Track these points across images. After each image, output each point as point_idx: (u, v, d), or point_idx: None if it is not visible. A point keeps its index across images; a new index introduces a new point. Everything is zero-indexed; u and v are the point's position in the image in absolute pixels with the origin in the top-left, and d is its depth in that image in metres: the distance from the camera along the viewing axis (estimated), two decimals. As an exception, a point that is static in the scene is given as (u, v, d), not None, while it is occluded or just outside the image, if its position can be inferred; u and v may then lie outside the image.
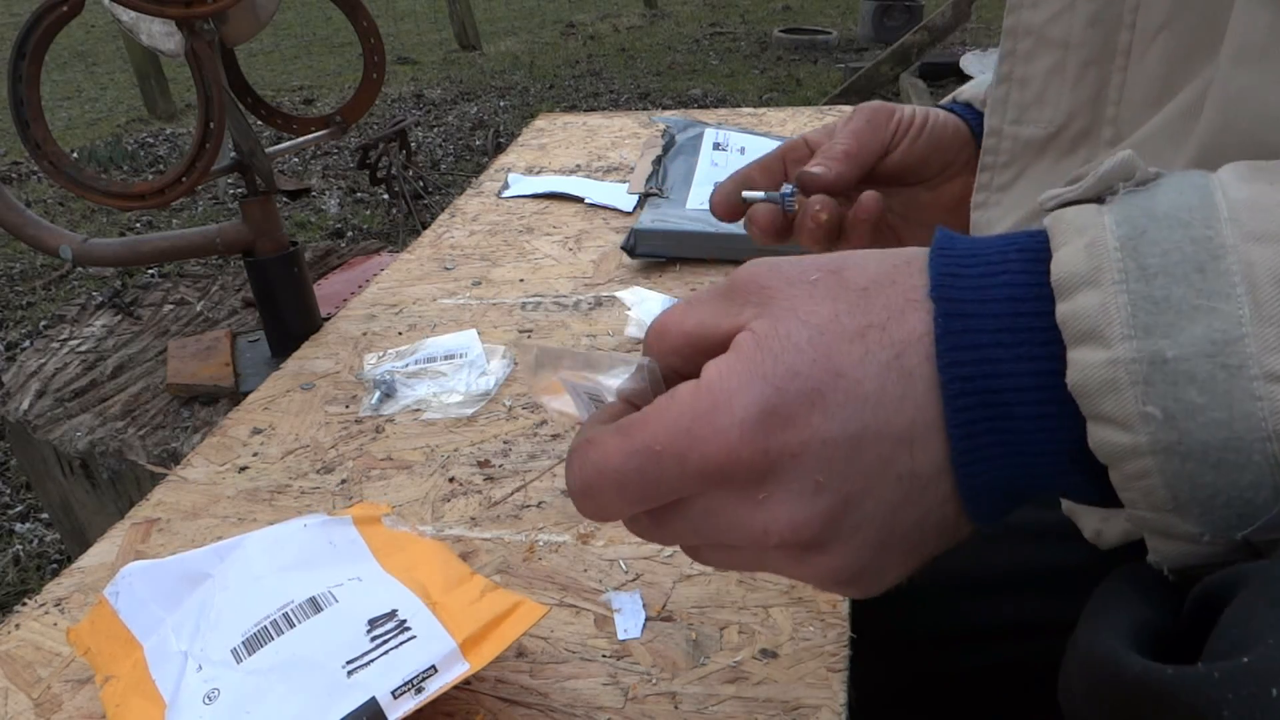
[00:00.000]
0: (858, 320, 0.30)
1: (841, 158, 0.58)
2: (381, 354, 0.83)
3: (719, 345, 0.32)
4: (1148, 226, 0.27)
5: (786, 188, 0.58)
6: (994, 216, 0.56)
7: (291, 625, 0.47)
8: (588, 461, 0.32)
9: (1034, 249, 0.30)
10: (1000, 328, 0.29)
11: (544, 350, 0.36)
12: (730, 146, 1.15)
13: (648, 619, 0.53)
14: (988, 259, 0.30)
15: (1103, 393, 0.27)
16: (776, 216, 0.59)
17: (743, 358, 0.30)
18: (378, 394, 0.77)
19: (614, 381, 0.35)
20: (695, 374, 0.32)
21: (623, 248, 0.96)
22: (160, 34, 0.90)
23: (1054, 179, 0.50)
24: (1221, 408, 0.26)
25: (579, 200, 1.15)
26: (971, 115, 0.65)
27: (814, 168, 0.57)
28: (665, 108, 3.31)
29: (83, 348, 1.23)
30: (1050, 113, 0.50)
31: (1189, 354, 0.26)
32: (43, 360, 1.21)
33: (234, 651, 0.47)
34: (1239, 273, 0.26)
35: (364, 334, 0.89)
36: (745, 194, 0.59)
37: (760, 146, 1.16)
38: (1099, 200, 0.30)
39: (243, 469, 0.70)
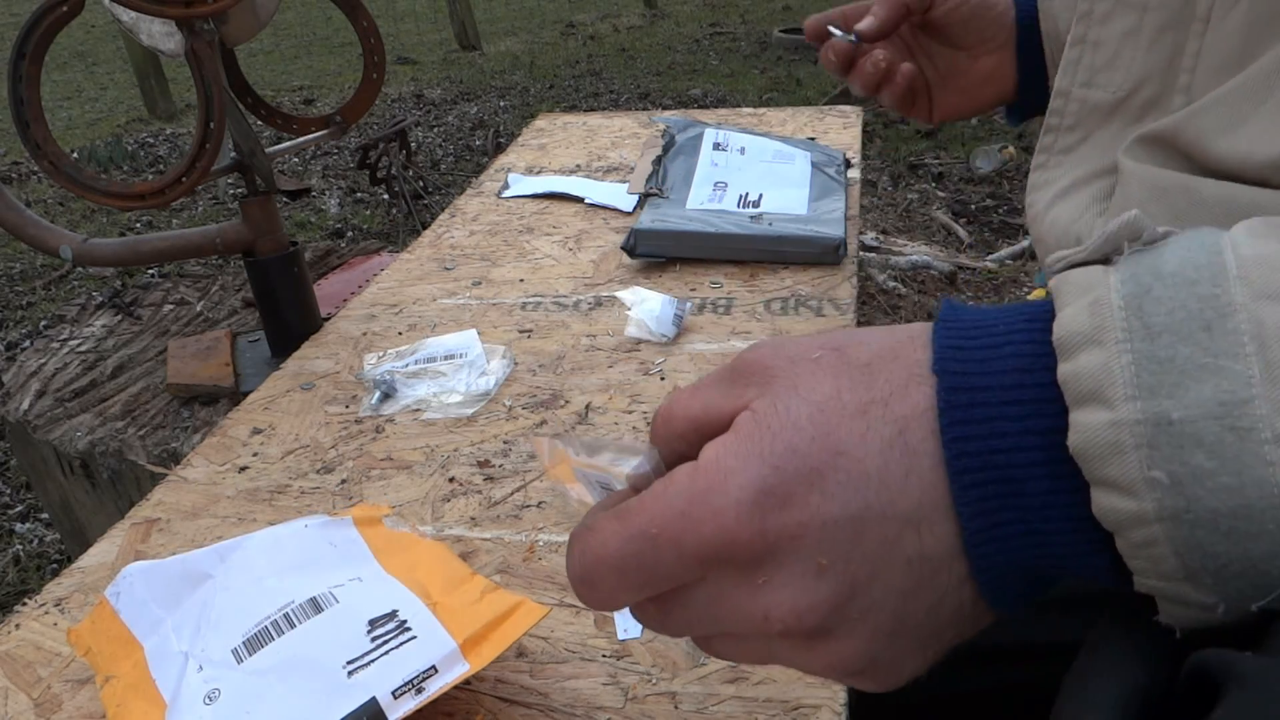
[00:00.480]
0: (859, 396, 0.29)
1: (888, 3, 0.71)
2: (381, 354, 0.83)
3: (722, 427, 0.31)
4: (1153, 284, 0.26)
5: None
6: (1052, 178, 0.56)
7: (292, 625, 0.47)
8: (586, 549, 0.31)
9: (1043, 317, 0.29)
10: (1007, 400, 0.28)
11: (555, 442, 0.37)
12: (730, 146, 1.15)
13: (648, 619, 0.53)
14: (993, 330, 0.29)
15: (1106, 456, 0.26)
16: (845, 52, 0.72)
17: (741, 437, 0.29)
18: (378, 394, 0.77)
19: (624, 469, 0.35)
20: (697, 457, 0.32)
21: (623, 248, 0.96)
22: (160, 34, 0.90)
23: (1118, 145, 0.50)
24: (1231, 473, 0.24)
25: (579, 200, 1.15)
26: (1027, 5, 0.71)
27: (862, 24, 0.72)
28: (665, 108, 3.31)
29: (83, 348, 1.23)
30: (1121, 77, 0.49)
31: (1195, 415, 0.25)
32: (43, 360, 1.21)
33: (234, 652, 0.47)
34: (1248, 331, 0.25)
35: (364, 334, 0.89)
36: (830, 27, 0.74)
37: (760, 146, 1.16)
38: (1106, 261, 0.29)
39: (243, 469, 0.70)
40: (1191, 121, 0.43)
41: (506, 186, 1.22)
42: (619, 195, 1.14)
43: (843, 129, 1.33)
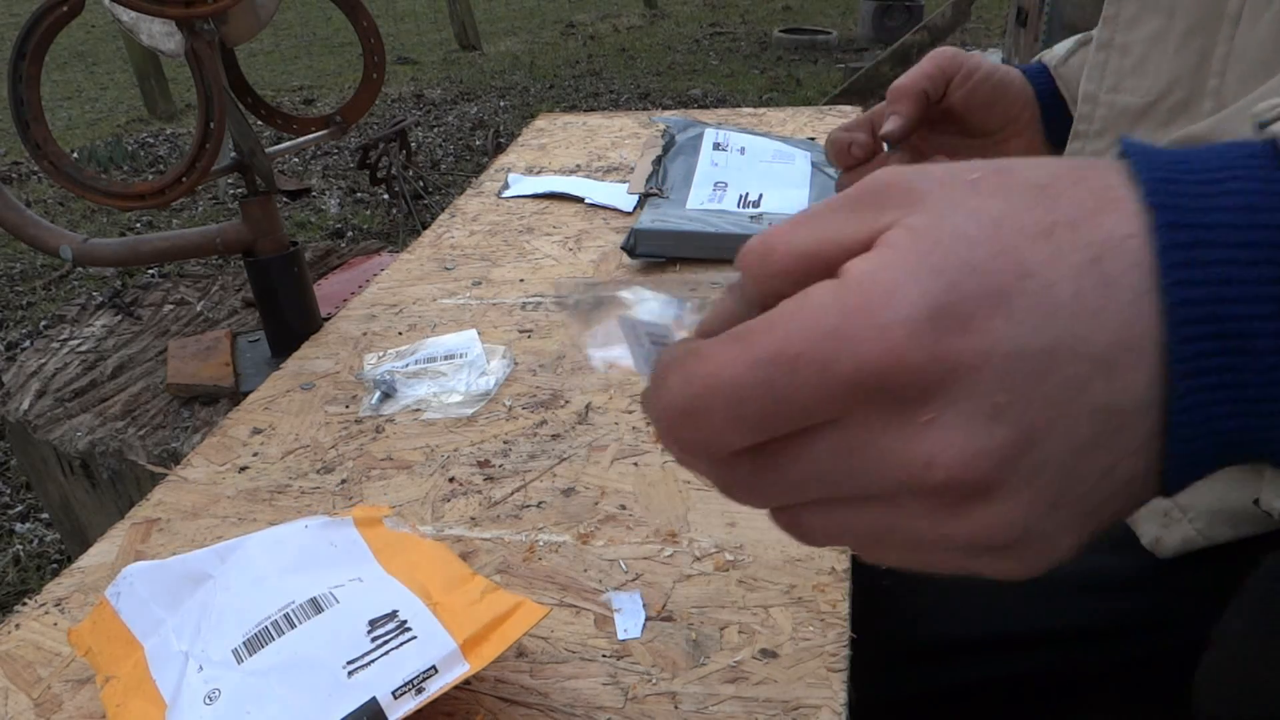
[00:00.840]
0: (1040, 217, 0.24)
1: (909, 97, 0.67)
2: (381, 354, 0.83)
3: (850, 258, 0.26)
4: None
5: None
6: None
7: (292, 626, 0.47)
8: (694, 375, 0.26)
9: (1264, 154, 0.25)
10: (1238, 241, 0.23)
11: (588, 288, 0.31)
12: (730, 146, 1.15)
13: (648, 619, 0.53)
14: (1206, 163, 0.25)
15: None
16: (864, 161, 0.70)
17: (901, 250, 0.24)
18: (378, 394, 0.77)
19: (683, 312, 0.29)
20: None
21: (623, 248, 0.96)
22: (160, 34, 0.90)
23: None
24: None
25: (579, 200, 1.15)
26: (1042, 79, 0.69)
27: (887, 126, 0.68)
28: (665, 108, 3.31)
29: (83, 348, 1.23)
30: (1150, 81, 0.49)
31: None
32: (43, 360, 1.21)
33: (235, 652, 0.47)
34: None
35: (364, 334, 0.89)
36: (853, 145, 0.71)
37: (760, 146, 1.16)
38: None
39: (243, 469, 0.70)
40: (1224, 126, 0.39)
41: (506, 186, 1.22)
42: (619, 195, 1.14)
43: (843, 129, 1.33)
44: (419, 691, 0.43)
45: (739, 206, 1.02)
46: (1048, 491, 0.25)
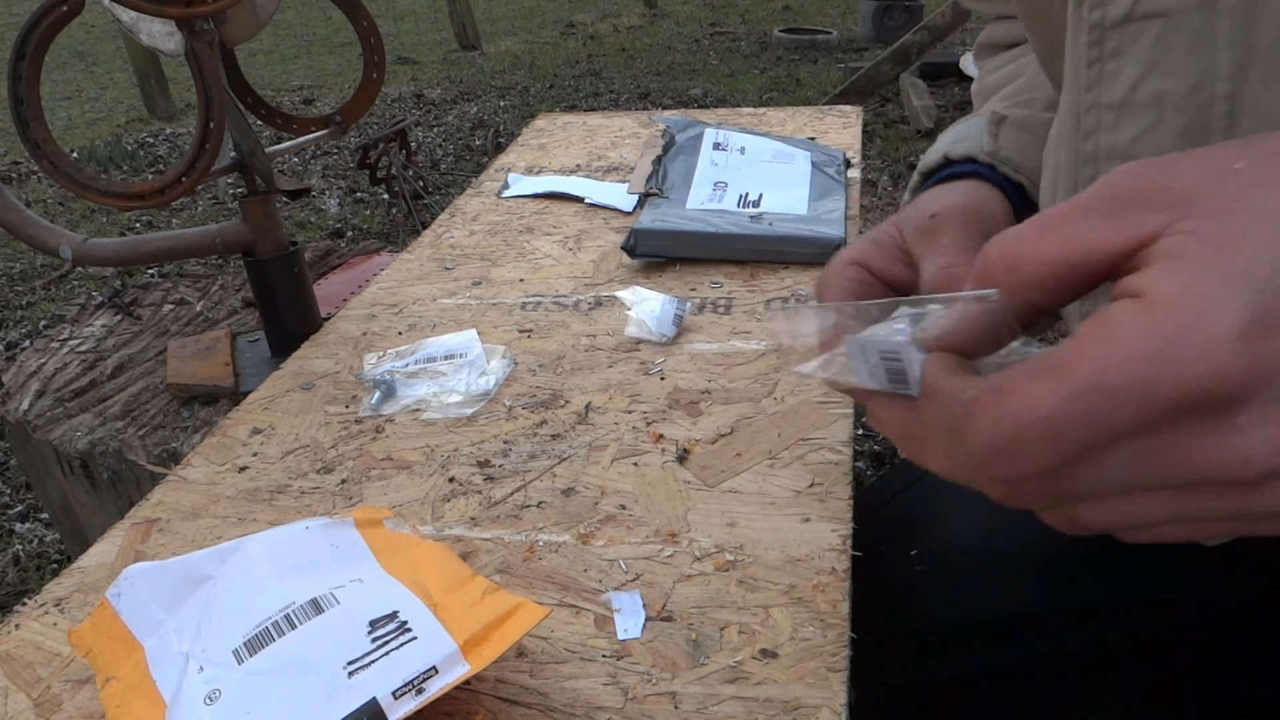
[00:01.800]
0: None
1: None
2: (381, 354, 0.84)
3: (1108, 270, 0.27)
4: None
5: None
6: None
7: (293, 626, 0.47)
8: (1005, 413, 0.27)
9: None
10: None
11: (822, 310, 0.31)
12: (730, 146, 1.15)
13: (648, 619, 0.53)
14: None
15: None
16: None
17: (1196, 262, 0.25)
18: (378, 394, 0.77)
19: (907, 326, 0.30)
20: (1056, 307, 0.28)
21: (623, 248, 0.96)
22: (160, 34, 0.90)
23: None
24: None
25: (579, 200, 1.15)
26: (991, 174, 0.61)
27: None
28: (665, 108, 3.31)
29: (83, 348, 1.23)
30: None
31: None
32: (43, 360, 1.21)
33: (235, 652, 0.47)
34: None
35: (364, 334, 0.89)
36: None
37: (760, 146, 1.16)
38: None
39: (243, 469, 0.70)
40: None
41: (506, 186, 1.22)
42: (619, 195, 1.14)
43: (843, 129, 1.33)
44: (419, 692, 0.43)
45: (739, 206, 1.02)
46: None
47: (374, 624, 0.47)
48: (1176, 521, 0.28)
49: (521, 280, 0.96)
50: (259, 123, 1.06)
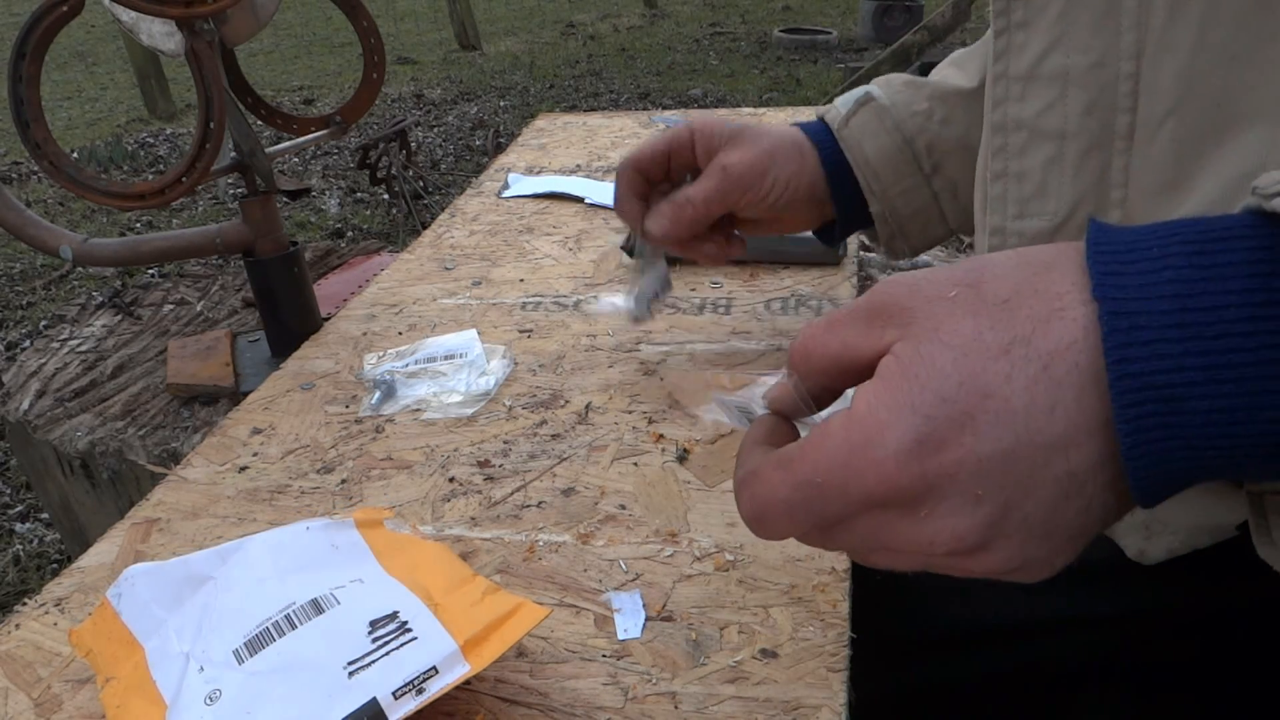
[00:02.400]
0: (1000, 336, 0.31)
1: (684, 223, 0.69)
2: (381, 354, 0.84)
3: (864, 367, 0.33)
4: None
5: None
6: None
7: (293, 626, 0.47)
8: (756, 495, 0.35)
9: (1195, 240, 0.30)
10: (1169, 324, 0.29)
11: (684, 379, 0.44)
12: (730, 146, 1.15)
13: (648, 619, 0.53)
14: (1148, 254, 0.30)
15: None
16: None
17: (889, 387, 0.32)
18: (378, 394, 0.77)
19: (759, 391, 0.39)
20: (839, 391, 0.36)
21: (622, 248, 0.96)
22: (160, 34, 0.90)
23: None
24: None
25: (579, 200, 1.16)
26: (827, 144, 0.72)
27: (652, 225, 0.70)
28: (665, 108, 3.31)
29: (83, 348, 1.23)
30: (1054, 204, 0.48)
31: None
32: (43, 360, 1.21)
33: (235, 652, 0.47)
34: None
35: (364, 334, 0.89)
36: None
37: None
38: None
39: (243, 469, 0.70)
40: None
41: (506, 186, 1.22)
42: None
43: (843, 129, 1.33)
44: (419, 692, 0.43)
45: (739, 206, 1.02)
46: (1034, 534, 0.32)
47: (374, 624, 0.47)
48: (936, 570, 0.34)
49: (521, 280, 0.96)
50: (259, 123, 1.06)
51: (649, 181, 0.71)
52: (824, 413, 0.39)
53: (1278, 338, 0.28)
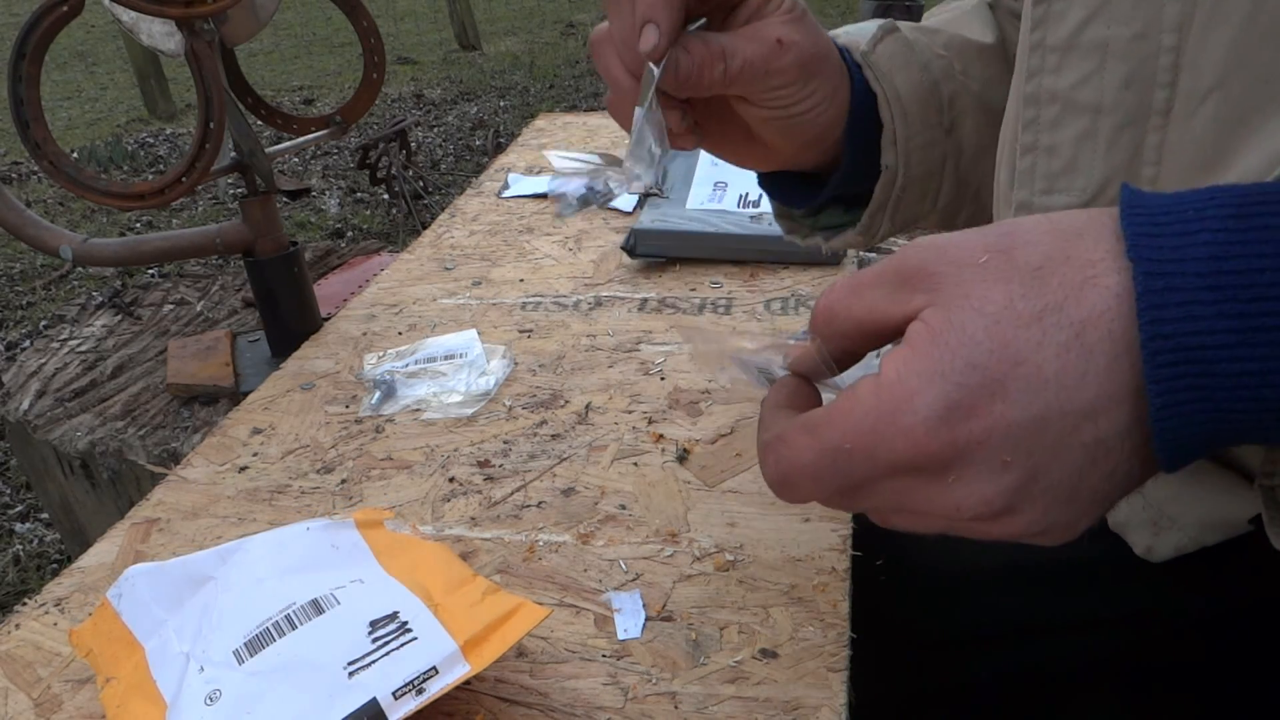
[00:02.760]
0: (1032, 304, 0.31)
1: (707, 81, 0.50)
2: (381, 354, 0.84)
3: (890, 333, 0.33)
4: None
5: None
6: None
7: (293, 627, 0.47)
8: (782, 459, 0.35)
9: (1232, 204, 0.30)
10: (1202, 285, 0.29)
11: (701, 333, 0.41)
12: (730, 146, 1.15)
13: (648, 619, 0.53)
14: (1183, 216, 0.30)
15: None
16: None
17: (920, 354, 0.31)
18: (378, 394, 0.77)
19: (780, 352, 0.39)
20: (861, 354, 0.35)
21: (623, 248, 0.96)
22: (160, 34, 0.90)
23: None
24: None
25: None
26: (851, 63, 0.57)
27: (644, 43, 0.48)
28: (665, 107, 3.30)
29: (83, 348, 1.23)
30: (1083, 180, 0.47)
31: None
32: (43, 360, 1.21)
33: (236, 653, 0.47)
34: None
35: (364, 334, 0.89)
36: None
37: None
38: None
39: (243, 469, 0.70)
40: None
41: (506, 186, 1.22)
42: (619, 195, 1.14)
43: (843, 129, 1.33)
44: (419, 692, 0.43)
45: (739, 206, 1.02)
46: (1059, 499, 0.32)
47: (374, 624, 0.47)
48: (961, 534, 0.34)
49: (521, 280, 0.96)
50: (259, 123, 1.06)
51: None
52: (846, 375, 0.39)
53: None
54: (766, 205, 1.02)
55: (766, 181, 0.63)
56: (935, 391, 0.31)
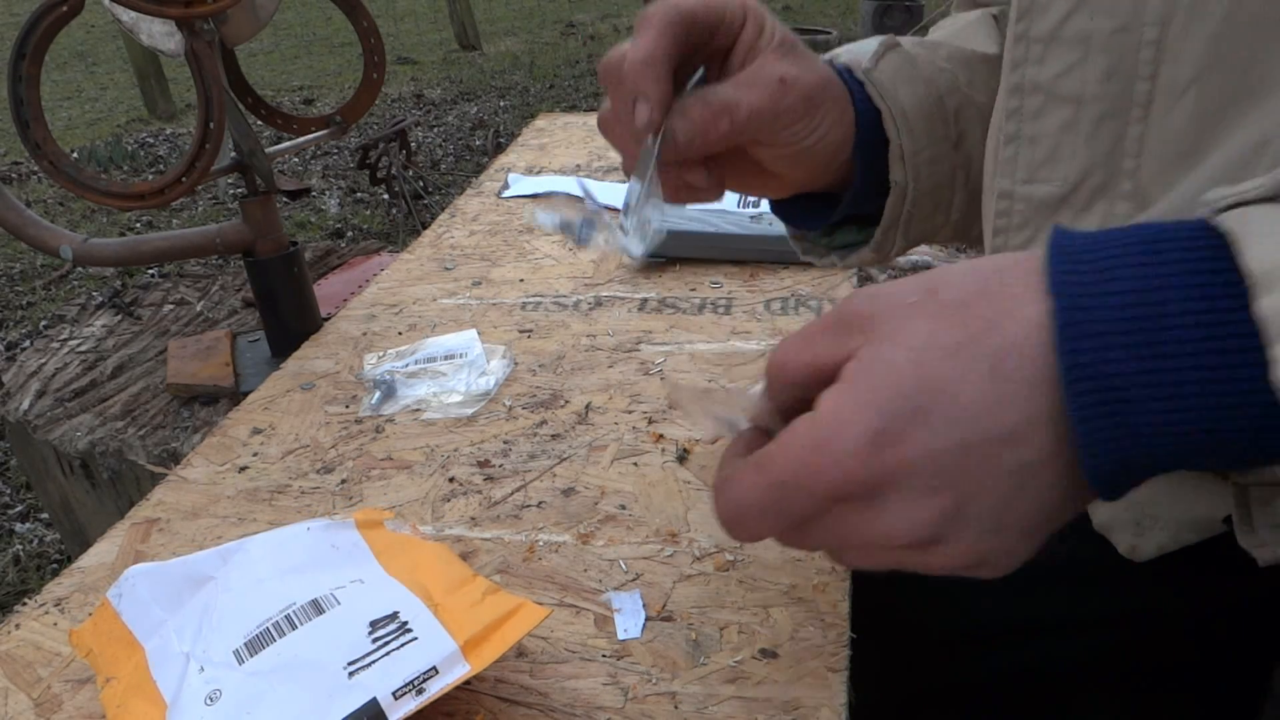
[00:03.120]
0: (955, 336, 0.33)
1: (715, 138, 0.51)
2: (381, 354, 0.84)
3: (833, 374, 0.35)
4: None
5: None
6: None
7: (293, 627, 0.47)
8: (729, 499, 0.37)
9: (1151, 239, 0.31)
10: (1118, 318, 0.31)
11: (682, 390, 0.45)
12: (730, 146, 1.15)
13: (648, 619, 0.53)
14: (1107, 252, 0.32)
15: None
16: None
17: (851, 388, 0.33)
18: (378, 394, 0.77)
19: (743, 409, 0.40)
20: (812, 402, 0.36)
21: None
22: (160, 34, 0.90)
23: None
24: None
25: (579, 200, 1.15)
26: (853, 85, 0.57)
27: (678, 125, 0.50)
28: (665, 107, 3.30)
29: (83, 348, 1.23)
30: (1064, 170, 0.47)
31: None
32: (43, 360, 1.21)
33: (236, 653, 0.47)
34: None
35: (364, 334, 0.89)
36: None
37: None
38: (1275, 199, 0.31)
39: (243, 469, 0.70)
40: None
41: (506, 186, 1.22)
42: (619, 195, 1.14)
43: (843, 129, 1.33)
44: (419, 692, 0.43)
45: (739, 206, 1.02)
46: (988, 527, 0.33)
47: (374, 624, 0.47)
48: (907, 568, 0.36)
49: (521, 280, 0.96)
50: (259, 123, 1.06)
51: (684, 50, 0.50)
52: None
53: (1213, 330, 0.29)
54: (766, 205, 1.02)
55: (779, 208, 0.64)
56: (864, 421, 0.32)
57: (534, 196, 1.18)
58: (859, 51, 0.59)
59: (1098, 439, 0.31)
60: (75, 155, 3.88)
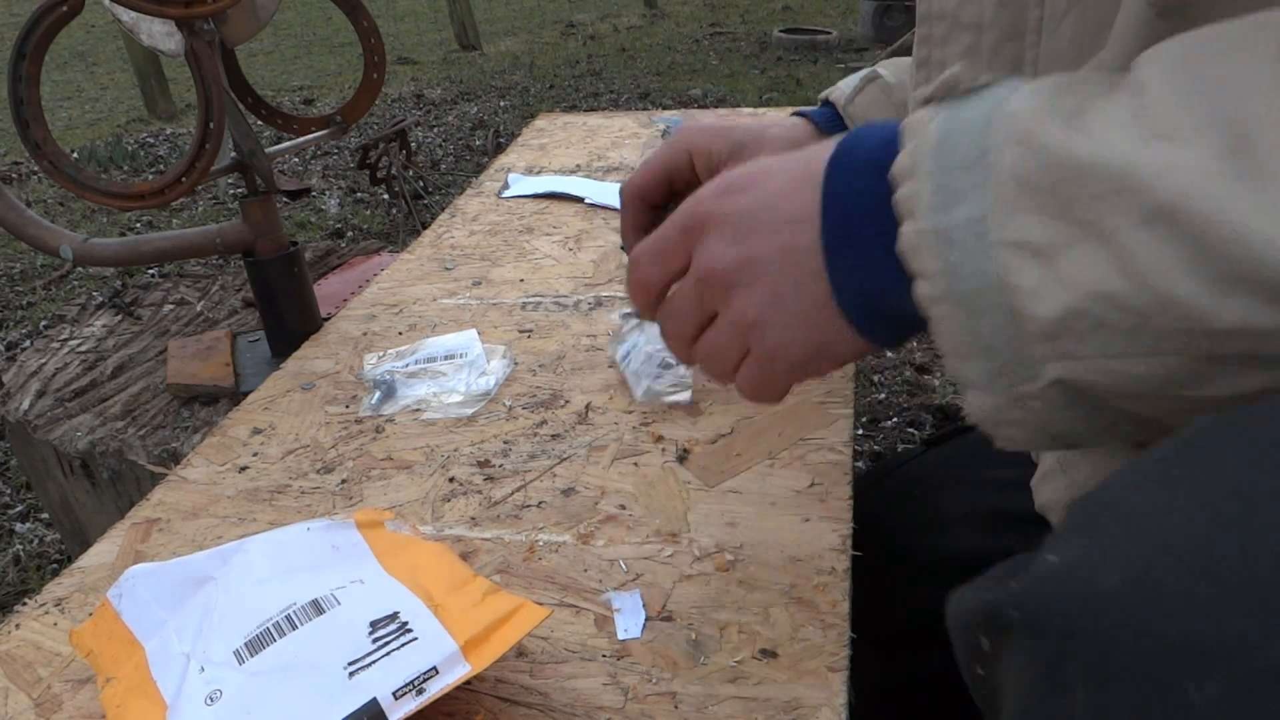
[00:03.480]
0: (774, 161, 0.45)
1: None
2: (381, 354, 0.83)
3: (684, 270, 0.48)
4: (952, 130, 0.37)
5: None
6: None
7: (294, 627, 0.47)
8: (634, 251, 0.49)
9: (894, 130, 0.40)
10: (864, 163, 0.41)
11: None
12: (730, 146, 1.15)
13: (648, 619, 0.53)
14: (876, 127, 0.42)
15: (914, 253, 0.37)
16: None
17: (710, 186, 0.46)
18: (378, 394, 0.77)
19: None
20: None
21: (622, 247, 0.96)
22: (160, 34, 0.90)
23: None
24: (972, 264, 0.35)
25: (579, 200, 1.15)
26: (834, 124, 0.72)
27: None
28: (665, 108, 3.31)
29: (83, 348, 1.23)
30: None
31: (957, 225, 0.35)
32: (43, 360, 1.21)
33: (236, 653, 0.47)
34: (992, 167, 0.35)
35: (364, 334, 0.89)
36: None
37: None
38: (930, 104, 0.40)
39: (243, 469, 0.70)
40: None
41: (506, 186, 1.22)
42: (619, 195, 1.14)
43: (843, 129, 1.33)
44: (419, 692, 0.43)
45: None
46: (770, 290, 0.43)
47: (375, 624, 0.47)
48: (717, 341, 0.45)
49: (521, 280, 0.96)
50: (259, 123, 1.06)
51: (654, 208, 0.68)
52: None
53: (880, 171, 0.39)
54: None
55: None
56: (711, 187, 0.45)
57: (534, 196, 1.18)
58: (847, 87, 0.74)
59: (839, 248, 0.41)
60: (75, 155, 3.88)
